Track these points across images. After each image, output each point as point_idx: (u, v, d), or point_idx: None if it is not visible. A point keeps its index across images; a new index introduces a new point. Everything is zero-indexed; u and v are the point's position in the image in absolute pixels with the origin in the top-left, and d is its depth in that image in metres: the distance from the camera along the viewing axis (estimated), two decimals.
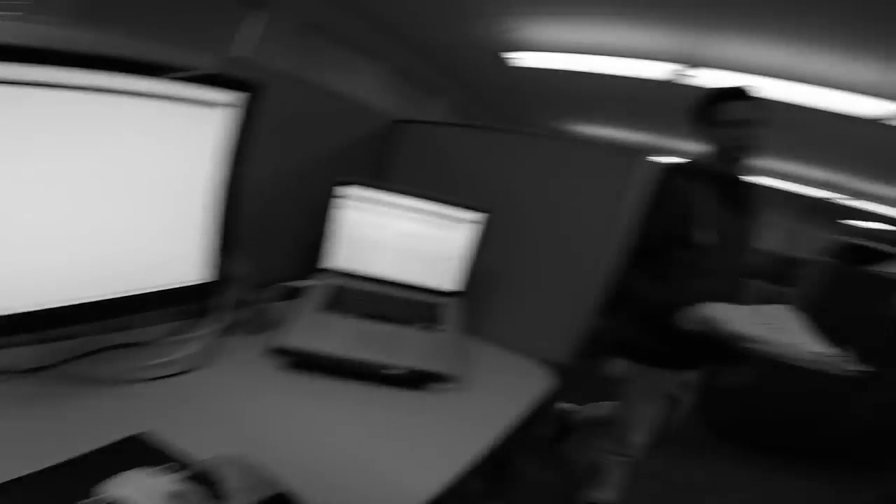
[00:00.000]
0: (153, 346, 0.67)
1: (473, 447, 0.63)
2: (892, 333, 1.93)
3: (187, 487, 0.43)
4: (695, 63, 3.06)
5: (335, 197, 0.89)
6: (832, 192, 5.39)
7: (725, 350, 0.97)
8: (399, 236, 0.93)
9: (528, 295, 1.01)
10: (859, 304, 1.92)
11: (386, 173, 1.15)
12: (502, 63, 3.93)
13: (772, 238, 3.74)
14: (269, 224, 0.88)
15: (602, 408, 1.49)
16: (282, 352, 0.70)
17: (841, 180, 4.91)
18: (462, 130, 1.12)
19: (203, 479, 0.40)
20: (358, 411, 0.66)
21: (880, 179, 4.56)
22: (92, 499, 0.39)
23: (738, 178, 1.16)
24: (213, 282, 0.66)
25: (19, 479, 0.41)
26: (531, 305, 1.00)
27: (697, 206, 1.09)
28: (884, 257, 2.33)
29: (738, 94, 1.08)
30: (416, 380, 0.73)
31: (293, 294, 0.85)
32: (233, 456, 0.44)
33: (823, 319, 0.96)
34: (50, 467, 0.43)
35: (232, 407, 0.60)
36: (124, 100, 0.48)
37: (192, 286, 0.64)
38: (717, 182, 1.12)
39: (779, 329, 0.88)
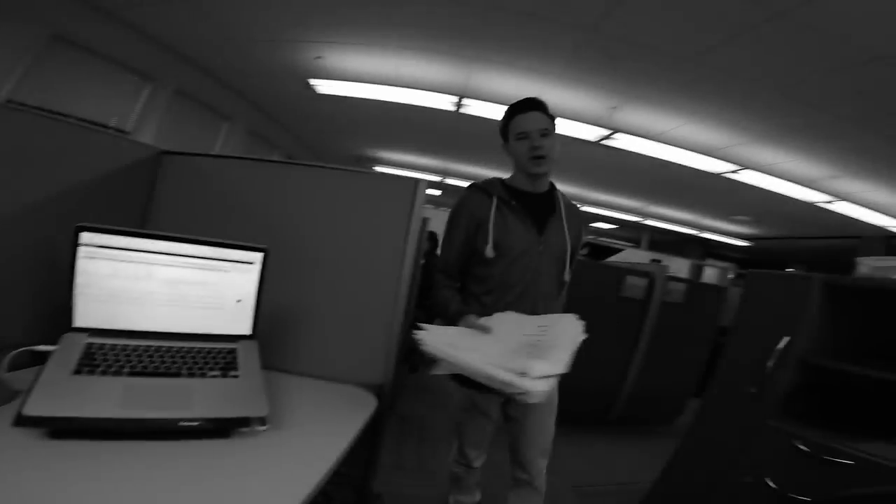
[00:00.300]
0: None
1: (302, 486, 0.62)
2: (623, 309, 2.69)
3: None
4: (470, 95, 3.62)
5: (81, 245, 0.78)
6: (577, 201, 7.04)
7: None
8: (167, 284, 0.84)
9: (333, 324, 1.04)
10: (600, 287, 2.61)
11: (150, 212, 1.06)
12: (303, 89, 3.93)
13: None
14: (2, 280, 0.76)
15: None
16: (33, 422, 0.62)
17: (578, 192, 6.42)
18: (236, 162, 1.10)
19: None
20: (155, 468, 0.61)
21: (602, 189, 6.17)
22: None
23: (537, 192, 1.17)
24: None
25: None
26: (338, 334, 1.04)
27: (486, 221, 1.10)
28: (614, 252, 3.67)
29: (525, 106, 1.12)
30: (219, 428, 0.71)
31: (38, 360, 0.73)
32: None
33: (578, 303, 1.16)
34: None
35: None
36: None
37: None
38: (515, 197, 1.14)
39: (472, 349, 0.87)
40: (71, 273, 0.77)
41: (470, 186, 1.19)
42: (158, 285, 0.83)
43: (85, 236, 0.77)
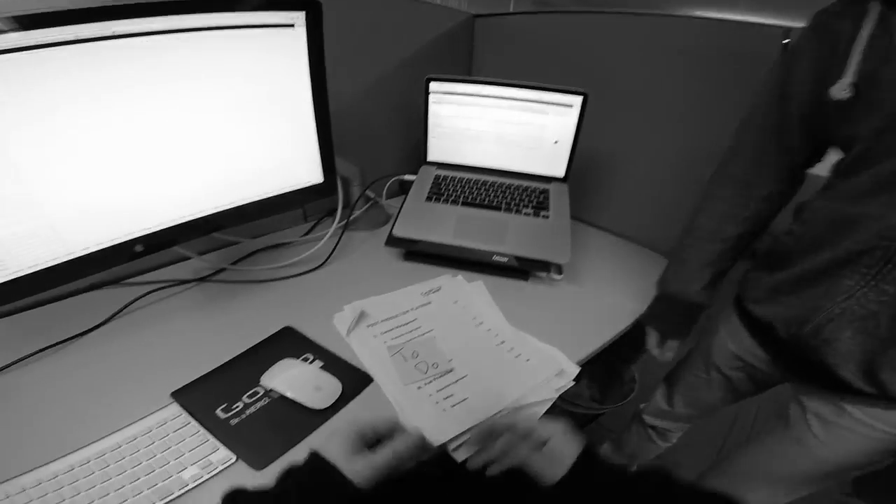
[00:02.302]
0: (290, 246, 0.84)
1: (585, 345, 0.66)
2: None
3: (325, 378, 0.57)
4: None
5: (430, 93, 0.92)
6: None
7: None
8: (495, 125, 0.93)
9: (653, 185, 0.93)
10: None
11: (472, 69, 1.18)
12: None
13: None
14: (373, 126, 0.98)
15: None
16: (395, 242, 0.82)
17: None
18: (541, 17, 1.03)
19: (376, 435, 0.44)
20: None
21: None
22: (253, 389, 0.55)
23: None
24: (325, 183, 0.76)
25: (207, 374, 0.58)
26: (656, 197, 0.93)
27: (850, 43, 0.48)
28: None
29: None
30: (522, 268, 0.79)
31: (403, 188, 0.95)
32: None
33: None
34: (227, 362, 0.60)
35: (360, 294, 0.73)
36: (201, 36, 0.53)
37: (308, 187, 0.74)
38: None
39: None
40: (424, 116, 0.94)
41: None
42: (488, 125, 0.94)
43: (433, 85, 0.92)
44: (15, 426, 0.51)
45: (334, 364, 0.62)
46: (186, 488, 0.46)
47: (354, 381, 0.60)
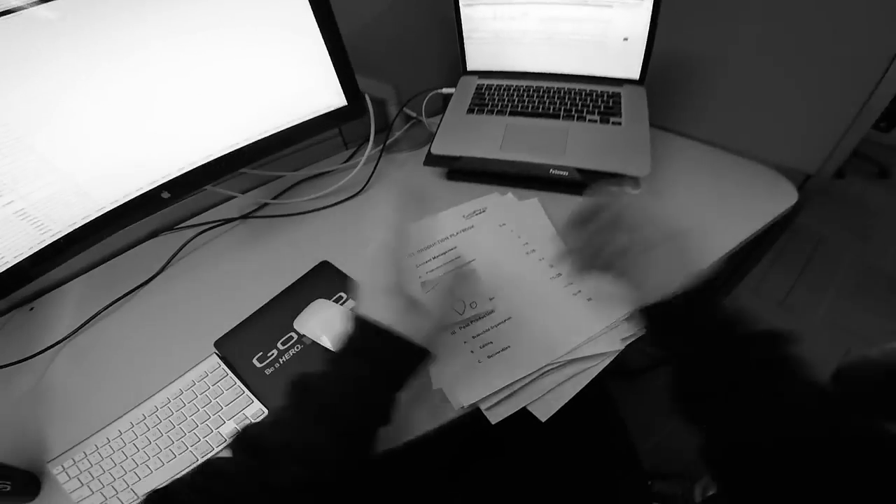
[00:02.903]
0: (330, 175, 0.80)
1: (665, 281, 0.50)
2: None
3: (357, 320, 0.53)
4: None
5: None
6: None
7: None
8: (543, 24, 0.77)
9: (752, 82, 0.72)
10: None
11: None
12: None
13: None
14: (405, 41, 0.86)
15: None
16: (434, 161, 0.73)
17: None
18: None
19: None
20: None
21: None
22: (287, 335, 0.54)
23: None
24: (350, 105, 0.68)
25: (246, 320, 0.58)
26: (758, 96, 0.73)
27: None
28: None
29: None
30: (586, 182, 0.65)
31: (446, 104, 0.83)
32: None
33: None
34: (264, 305, 0.59)
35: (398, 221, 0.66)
36: None
37: (331, 112, 0.67)
38: None
39: None
40: (456, 22, 0.81)
41: None
42: (535, 24, 0.78)
43: None
44: (93, 381, 0.56)
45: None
46: (223, 444, 0.48)
47: None
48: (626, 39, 0.74)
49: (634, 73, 0.77)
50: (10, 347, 0.61)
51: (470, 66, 0.85)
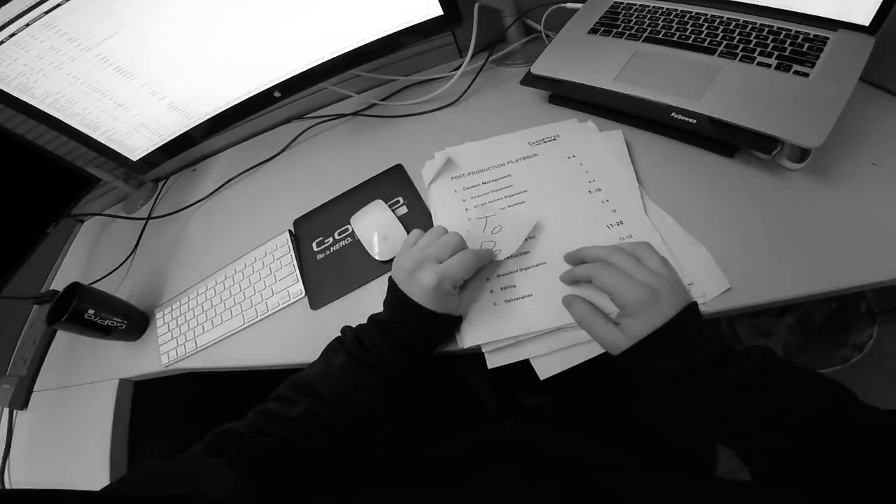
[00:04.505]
0: (435, 82, 0.80)
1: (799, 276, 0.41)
2: None
3: (397, 229, 0.54)
4: None
5: None
6: None
7: None
8: None
9: None
10: None
11: None
12: None
13: None
14: None
15: None
16: (532, 81, 0.63)
17: None
18: None
19: None
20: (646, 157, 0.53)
21: None
22: (344, 227, 0.59)
23: None
24: (446, 14, 0.62)
25: (323, 205, 0.65)
26: None
27: None
28: None
29: None
30: (722, 140, 0.50)
31: (564, 17, 0.69)
32: None
33: None
34: (341, 194, 0.66)
35: (479, 137, 0.63)
36: None
37: (426, 21, 0.63)
38: None
39: None
40: None
41: None
42: None
43: None
44: (210, 238, 0.72)
45: (418, 215, 0.58)
46: (267, 313, 0.56)
47: None
48: None
49: (862, 18, 0.51)
50: (173, 200, 0.83)
51: None
